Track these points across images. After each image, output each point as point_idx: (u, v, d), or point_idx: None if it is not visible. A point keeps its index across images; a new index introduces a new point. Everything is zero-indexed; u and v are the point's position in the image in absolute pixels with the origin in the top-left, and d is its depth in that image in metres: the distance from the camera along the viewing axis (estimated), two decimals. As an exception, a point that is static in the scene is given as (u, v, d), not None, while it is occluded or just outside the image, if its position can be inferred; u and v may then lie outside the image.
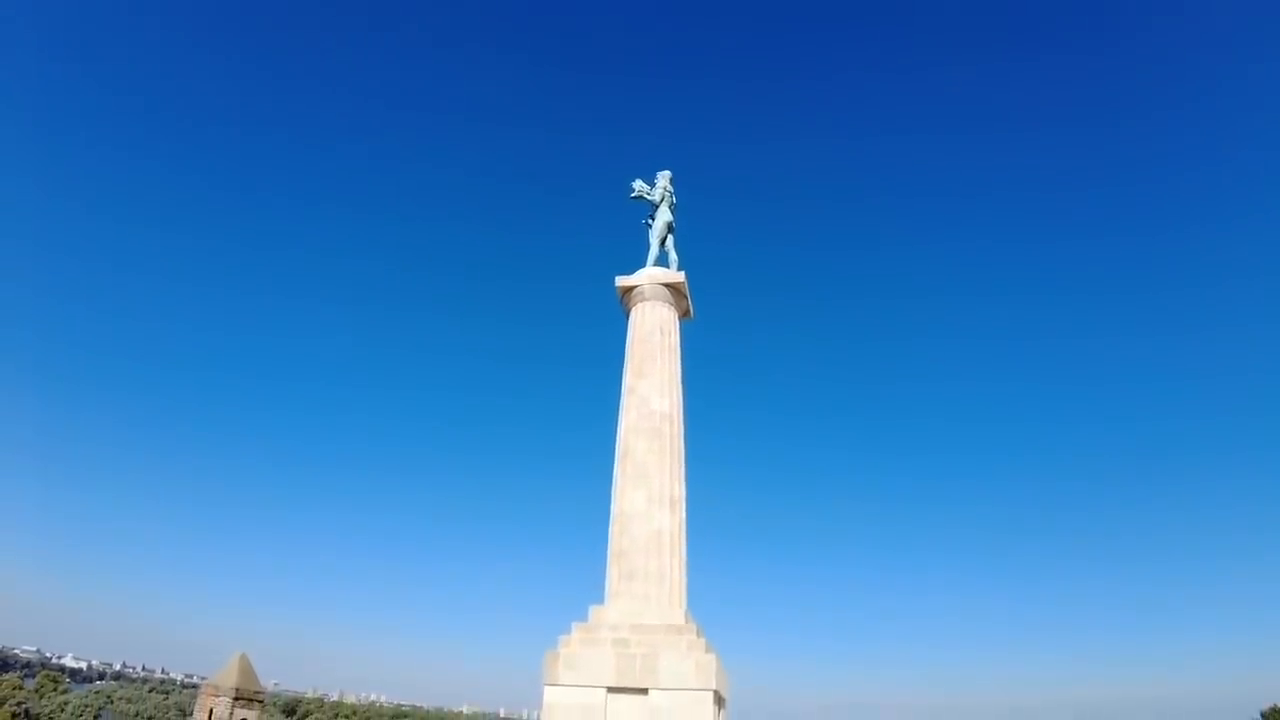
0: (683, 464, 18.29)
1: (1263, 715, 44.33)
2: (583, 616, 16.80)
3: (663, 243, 20.87)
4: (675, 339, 19.70)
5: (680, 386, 19.16)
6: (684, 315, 20.59)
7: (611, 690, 15.28)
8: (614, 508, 17.75)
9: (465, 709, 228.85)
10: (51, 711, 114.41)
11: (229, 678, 26.62)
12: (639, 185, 21.29)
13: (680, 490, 17.89)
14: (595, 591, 18.00)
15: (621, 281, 20.18)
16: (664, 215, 20.99)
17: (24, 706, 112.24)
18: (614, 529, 17.54)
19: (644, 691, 15.12)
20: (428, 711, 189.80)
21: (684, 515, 17.82)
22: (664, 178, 21.51)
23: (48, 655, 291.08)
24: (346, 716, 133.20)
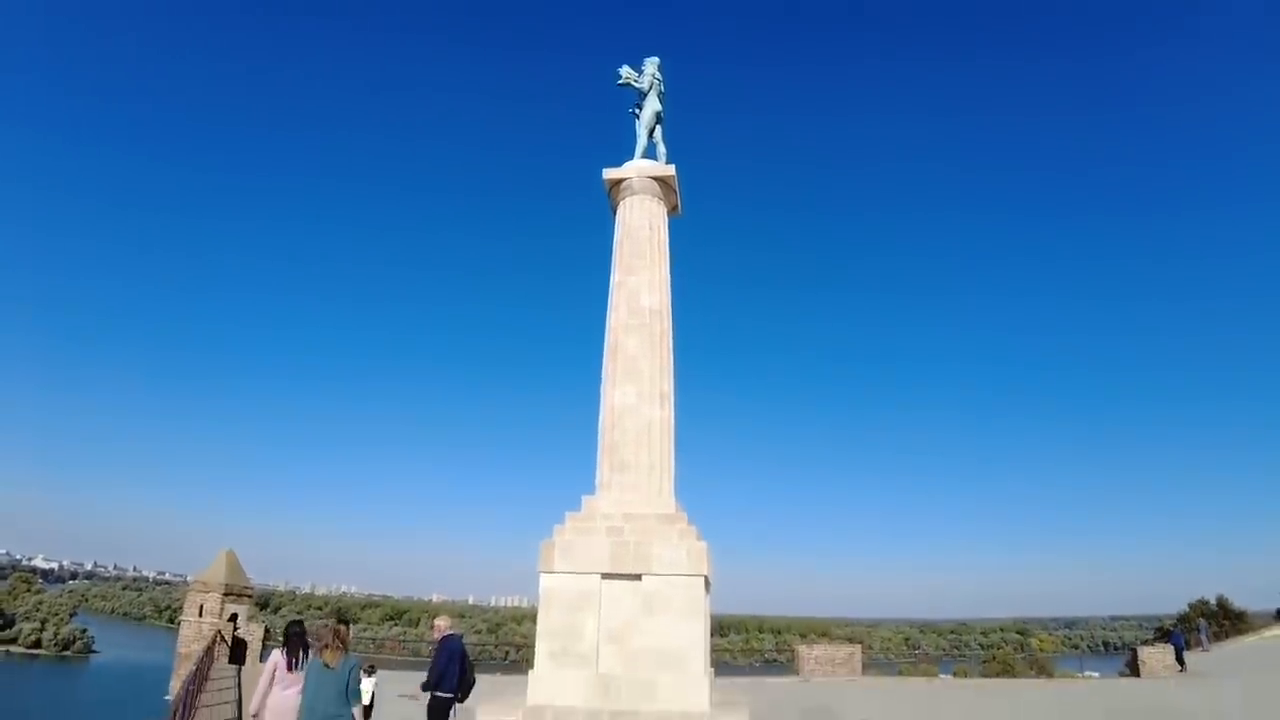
0: (671, 360, 18.42)
1: (1189, 607, 48.43)
2: (575, 507, 17.22)
3: (651, 134, 20.15)
4: (664, 235, 19.39)
5: (669, 283, 19.05)
6: (673, 211, 20.21)
7: (606, 576, 15.84)
8: (604, 403, 17.91)
9: (435, 598, 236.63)
10: (27, 611, 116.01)
11: (217, 574, 27.04)
12: (626, 71, 20.35)
13: (669, 385, 18.08)
14: (582, 487, 18.40)
15: (609, 174, 19.62)
16: (652, 104, 20.16)
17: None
18: (604, 423, 17.76)
19: (637, 577, 15.71)
20: (398, 600, 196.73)
21: (673, 409, 18.09)
22: (652, 64, 20.53)
23: (17, 558, 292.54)
24: (318, 608, 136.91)
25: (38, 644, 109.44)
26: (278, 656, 8.88)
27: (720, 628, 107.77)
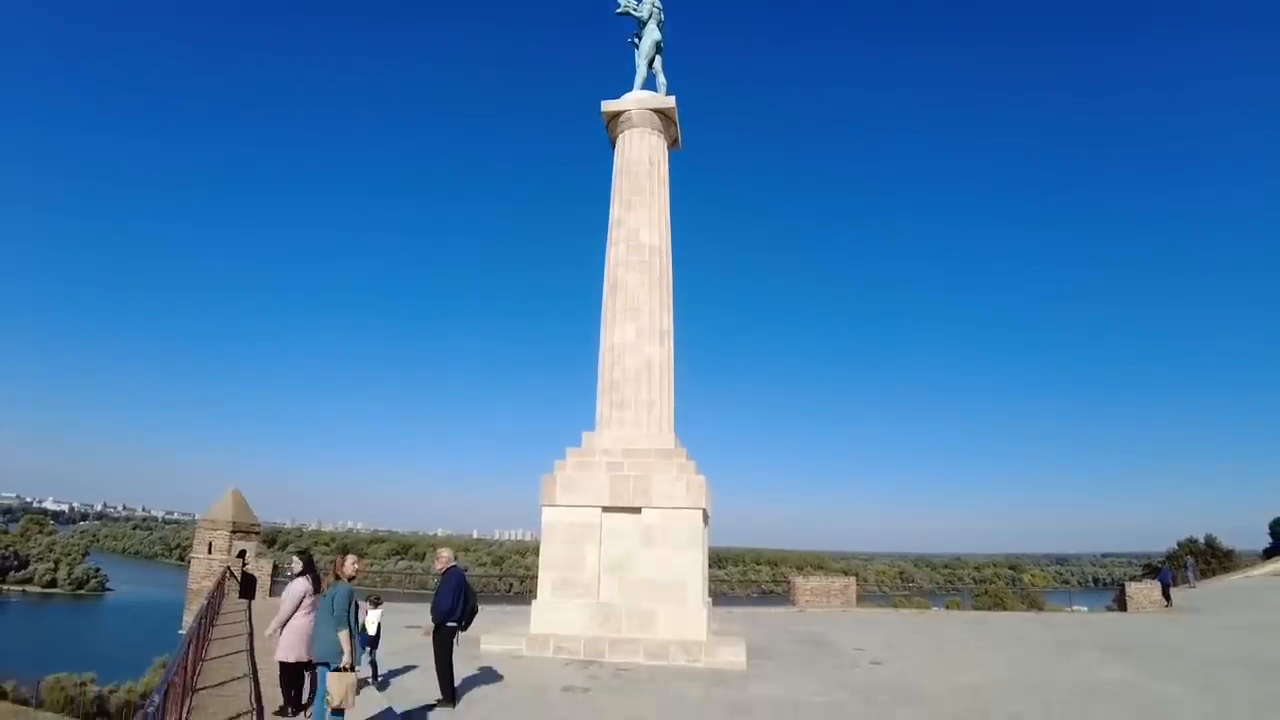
0: (671, 297, 18.35)
1: (1179, 545, 49.38)
2: (576, 443, 17.39)
3: (650, 65, 19.63)
4: (664, 169, 19.08)
5: (669, 219, 18.83)
6: (673, 145, 19.84)
7: (606, 509, 16.12)
8: (604, 340, 17.91)
9: (439, 532, 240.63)
10: (40, 552, 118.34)
11: (224, 512, 27.46)
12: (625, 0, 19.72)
13: (669, 323, 18.06)
14: (583, 423, 18.57)
15: (607, 106, 19.19)
16: (652, 34, 19.57)
17: (12, 549, 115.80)
18: (604, 361, 17.80)
19: (637, 510, 15.98)
20: (403, 535, 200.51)
21: (672, 347, 18.11)
22: None
23: (28, 500, 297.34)
24: (325, 544, 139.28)
25: (53, 584, 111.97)
26: (306, 584, 9.26)
27: (718, 560, 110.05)
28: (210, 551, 26.82)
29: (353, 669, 7.74)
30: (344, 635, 7.65)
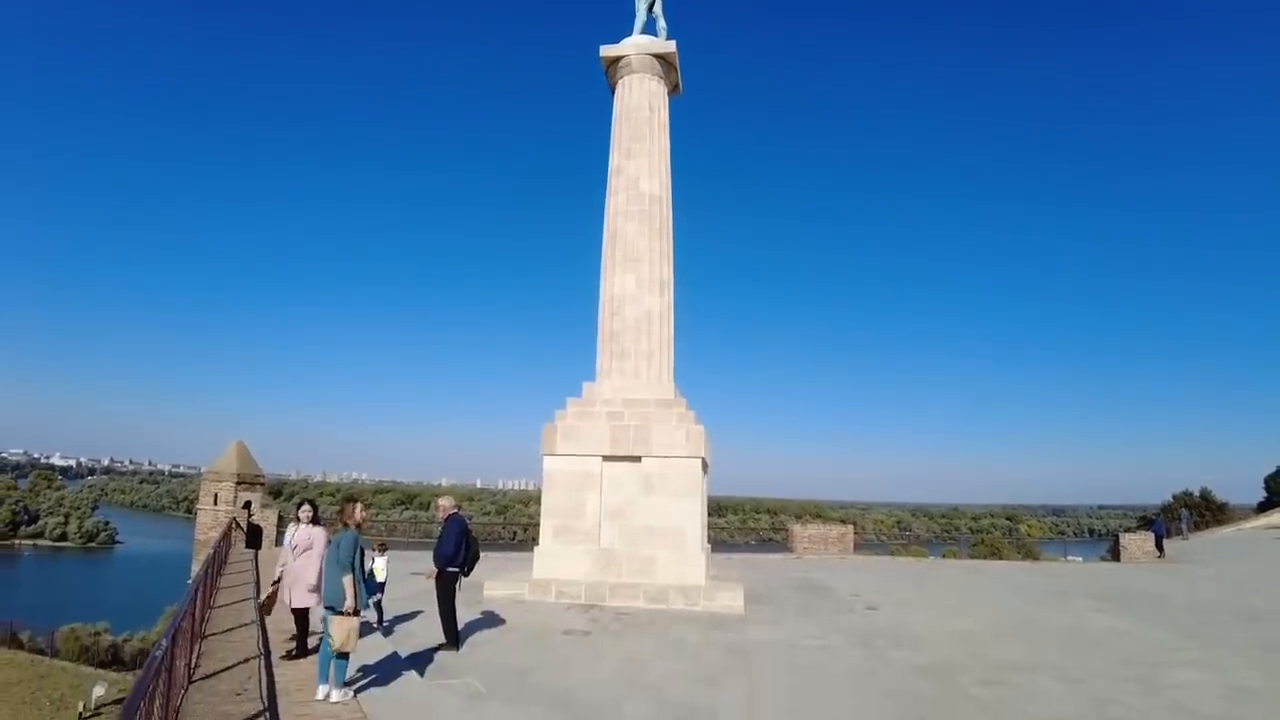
0: (672, 246, 18.19)
1: (1174, 498, 49.85)
2: (577, 394, 17.44)
3: (650, 8, 19.13)
4: (665, 116, 18.72)
5: (669, 167, 18.56)
6: (673, 91, 19.44)
7: (606, 458, 16.25)
8: (604, 291, 17.82)
9: (443, 482, 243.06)
10: (50, 506, 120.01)
11: (229, 464, 27.68)
12: None
13: (669, 273, 17.93)
14: (584, 373, 18.54)
15: (606, 51, 18.75)
16: (652, -25, 19.05)
17: (22, 504, 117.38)
18: (604, 312, 17.74)
19: (637, 459, 16.10)
20: (408, 485, 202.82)
21: (672, 297, 18.02)
22: None
23: (36, 456, 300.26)
24: (330, 495, 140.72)
25: (63, 537, 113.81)
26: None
27: (718, 509, 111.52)
28: (216, 503, 27.12)
29: (356, 613, 7.86)
30: (348, 580, 7.75)
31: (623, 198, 17.89)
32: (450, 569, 10.70)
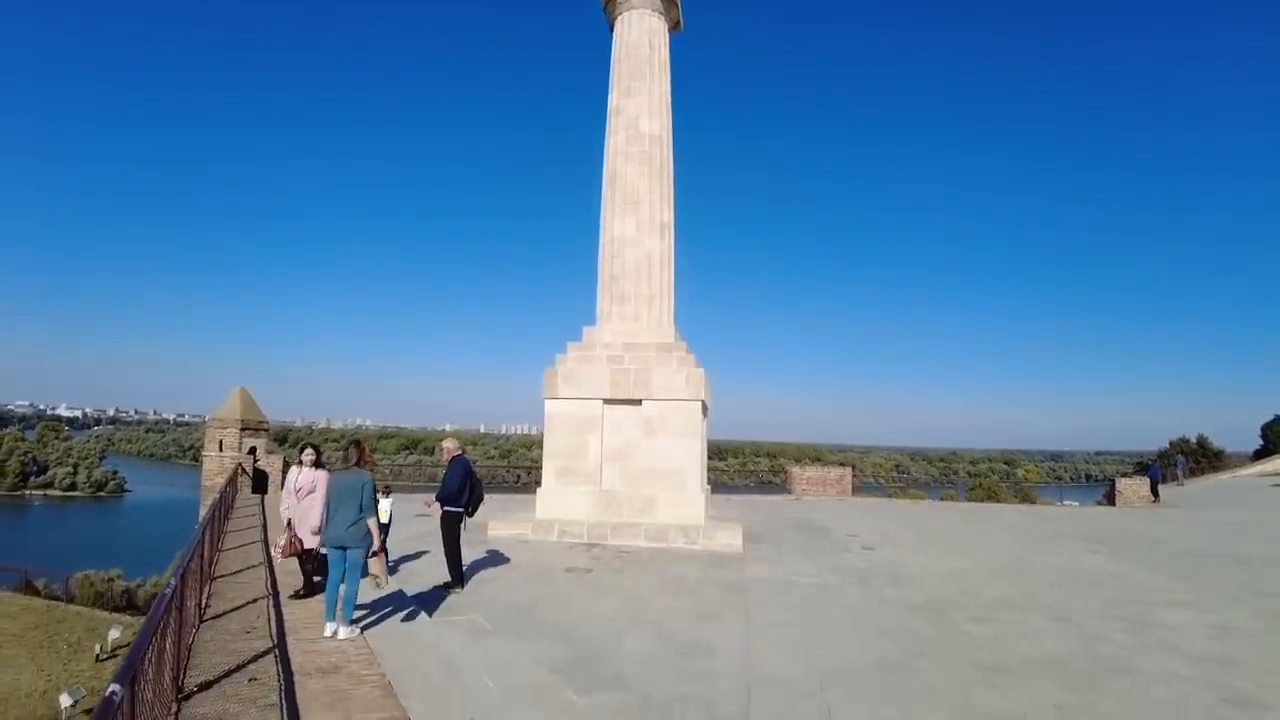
0: (672, 188, 17.92)
1: (1170, 444, 50.28)
2: (577, 338, 17.42)
3: (649, -62, 18.48)
4: (665, 53, 18.24)
5: (670, 107, 18.17)
6: (674, 27, 18.91)
7: (608, 401, 16.32)
8: (604, 234, 17.64)
9: (447, 427, 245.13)
10: (58, 457, 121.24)
11: (233, 410, 27.87)
12: None
13: (669, 215, 17.72)
14: (585, 317, 18.51)
15: (604, -15, 18.22)
16: (649, -96, 18.30)
17: (31, 455, 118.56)
18: (604, 255, 17.58)
19: (637, 402, 16.17)
20: (412, 431, 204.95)
21: (672, 240, 17.85)
22: None
23: (41, 408, 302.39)
24: (335, 440, 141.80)
25: (73, 487, 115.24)
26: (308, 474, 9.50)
27: (719, 452, 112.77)
28: (221, 449, 27.39)
29: (382, 552, 8.49)
30: (373, 522, 8.07)
31: (622, 137, 17.56)
32: (454, 509, 10.82)
